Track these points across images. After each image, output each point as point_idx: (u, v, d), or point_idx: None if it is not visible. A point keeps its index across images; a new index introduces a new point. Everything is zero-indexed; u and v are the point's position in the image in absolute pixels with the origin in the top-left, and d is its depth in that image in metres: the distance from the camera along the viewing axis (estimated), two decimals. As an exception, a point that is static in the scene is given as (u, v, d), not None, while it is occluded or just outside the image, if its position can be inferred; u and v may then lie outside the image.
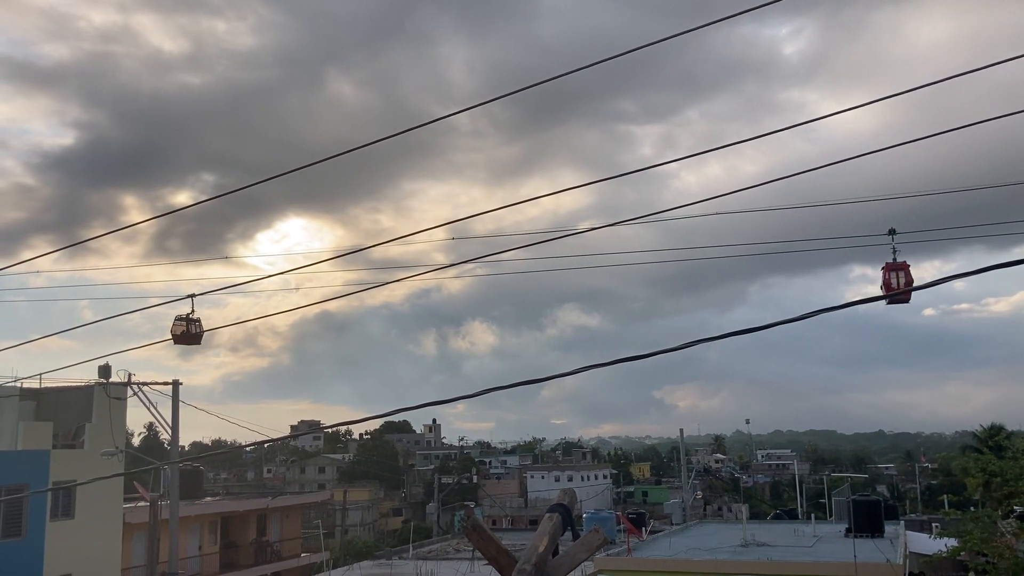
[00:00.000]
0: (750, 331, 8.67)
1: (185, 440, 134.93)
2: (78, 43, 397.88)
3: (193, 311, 22.90)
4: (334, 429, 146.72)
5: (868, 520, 33.04)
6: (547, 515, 5.35)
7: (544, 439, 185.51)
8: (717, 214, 18.05)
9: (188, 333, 22.85)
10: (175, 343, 23.06)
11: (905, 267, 17.29)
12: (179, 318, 22.91)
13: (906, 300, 17.44)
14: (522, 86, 9.04)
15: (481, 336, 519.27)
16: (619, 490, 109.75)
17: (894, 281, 17.26)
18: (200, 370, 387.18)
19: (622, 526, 38.10)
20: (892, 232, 17.45)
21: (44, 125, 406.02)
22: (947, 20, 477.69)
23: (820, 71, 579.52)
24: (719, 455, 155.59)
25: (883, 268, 17.52)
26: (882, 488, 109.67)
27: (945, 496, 68.81)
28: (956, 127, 9.47)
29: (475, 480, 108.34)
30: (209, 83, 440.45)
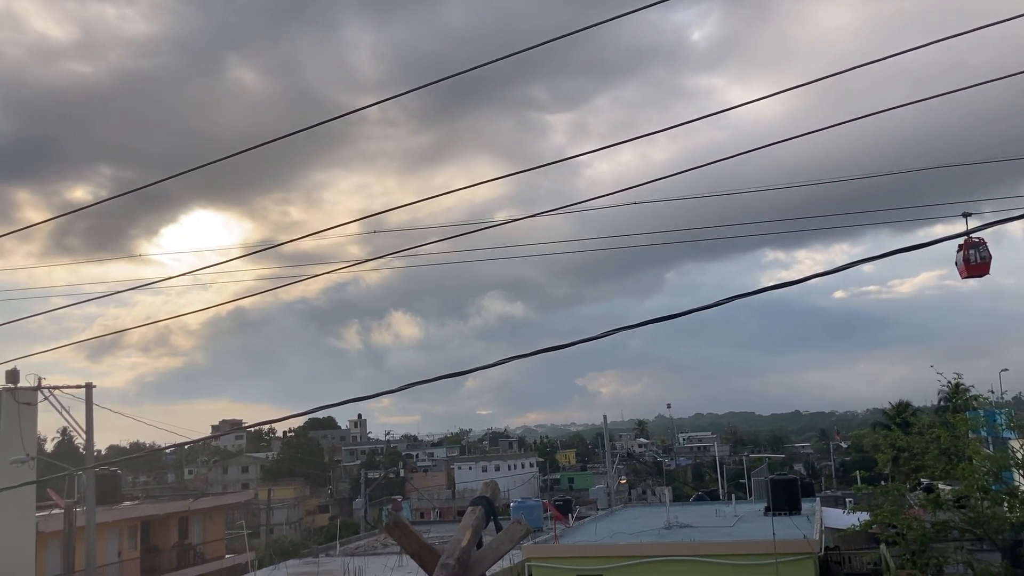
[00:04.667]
0: (672, 317, 8.86)
1: (101, 444, 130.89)
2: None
3: None
4: (256, 428, 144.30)
5: (786, 498, 34.03)
6: (470, 508, 5.40)
7: (471, 430, 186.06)
8: (633, 204, 18.32)
9: None
10: None
11: (982, 244, 18.23)
12: None
13: (983, 274, 18.58)
14: (430, 72, 9.12)
15: (404, 328, 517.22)
16: (545, 478, 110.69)
17: (973, 257, 18.33)
18: (112, 372, 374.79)
19: (548, 513, 38.49)
20: (967, 215, 18.18)
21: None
22: (849, 5, 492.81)
23: (728, 56, 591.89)
24: (642, 440, 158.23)
25: (960, 246, 18.39)
26: (799, 467, 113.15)
27: (858, 472, 71.28)
28: (861, 115, 9.85)
29: (402, 474, 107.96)
30: (101, 72, 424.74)
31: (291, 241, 11.67)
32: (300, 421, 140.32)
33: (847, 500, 42.76)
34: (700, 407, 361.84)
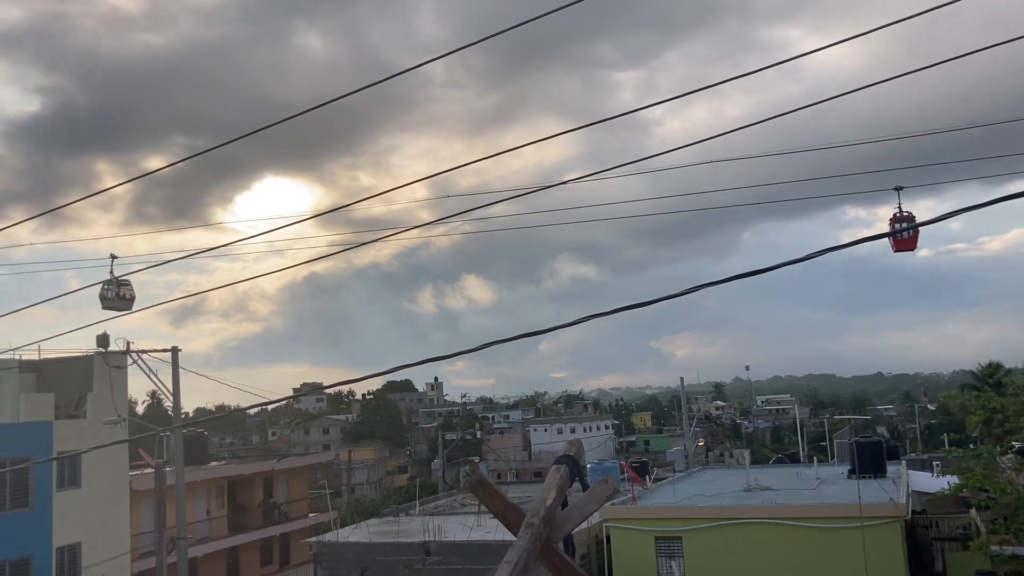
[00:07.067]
0: (753, 274, 8.50)
1: (188, 406, 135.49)
2: (31, 3, 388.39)
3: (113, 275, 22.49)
4: (336, 390, 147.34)
5: (871, 461, 33.21)
6: (554, 467, 5.23)
7: (545, 393, 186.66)
8: (711, 162, 17.83)
9: (121, 297, 22.45)
10: (104, 308, 22.65)
11: (911, 218, 19.19)
12: (108, 283, 22.44)
13: (912, 248, 19.30)
14: (496, 32, 8.74)
15: (477, 292, 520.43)
16: (621, 440, 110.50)
17: (904, 231, 18.96)
18: (195, 337, 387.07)
19: (626, 475, 38.30)
20: (899, 188, 19.29)
21: (6, 92, 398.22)
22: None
23: (803, 5, 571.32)
24: (719, 402, 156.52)
25: (891, 220, 19.46)
26: (882, 429, 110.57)
27: (946, 435, 69.24)
28: (943, 60, 9.20)
29: (479, 435, 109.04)
30: (172, 42, 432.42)
31: (362, 200, 11.60)
32: (379, 384, 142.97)
33: (935, 463, 41.58)
34: (778, 369, 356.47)
